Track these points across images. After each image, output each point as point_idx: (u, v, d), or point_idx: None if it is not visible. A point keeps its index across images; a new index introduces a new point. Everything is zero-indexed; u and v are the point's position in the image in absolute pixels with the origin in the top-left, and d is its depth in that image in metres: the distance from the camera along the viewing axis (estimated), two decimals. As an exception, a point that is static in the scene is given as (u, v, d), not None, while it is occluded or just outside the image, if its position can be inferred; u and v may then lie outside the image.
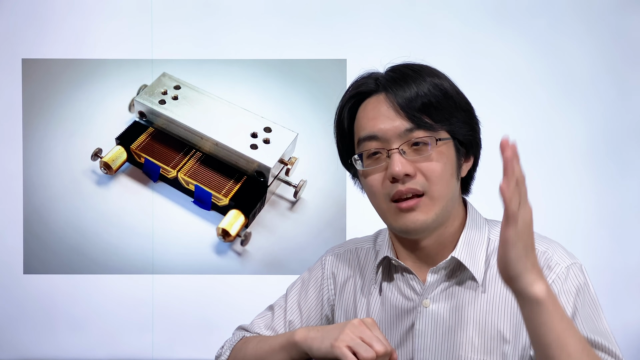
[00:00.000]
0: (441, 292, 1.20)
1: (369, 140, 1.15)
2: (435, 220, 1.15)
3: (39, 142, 2.51)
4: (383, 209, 1.17)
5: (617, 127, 2.47)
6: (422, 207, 1.13)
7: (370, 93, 1.18)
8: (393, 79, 1.15)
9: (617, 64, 2.47)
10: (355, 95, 1.20)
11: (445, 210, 1.16)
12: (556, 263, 1.15)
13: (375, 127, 1.15)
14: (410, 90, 1.13)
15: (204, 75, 2.51)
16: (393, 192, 1.13)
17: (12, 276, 2.49)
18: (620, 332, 2.40)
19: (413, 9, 2.49)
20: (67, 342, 2.49)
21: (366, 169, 1.17)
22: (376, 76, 1.19)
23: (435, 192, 1.13)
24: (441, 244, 1.20)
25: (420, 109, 1.13)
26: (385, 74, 1.18)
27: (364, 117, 1.18)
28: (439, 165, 1.13)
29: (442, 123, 1.14)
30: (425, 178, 1.13)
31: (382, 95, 1.16)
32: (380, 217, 1.21)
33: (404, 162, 1.12)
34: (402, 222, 1.15)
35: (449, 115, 1.14)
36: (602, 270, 2.40)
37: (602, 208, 2.46)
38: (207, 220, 2.48)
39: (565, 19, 2.48)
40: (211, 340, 2.35)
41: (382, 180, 1.15)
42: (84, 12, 2.50)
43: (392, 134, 1.13)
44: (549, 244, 1.19)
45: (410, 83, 1.14)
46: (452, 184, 1.16)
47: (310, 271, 1.40)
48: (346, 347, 1.07)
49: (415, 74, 1.15)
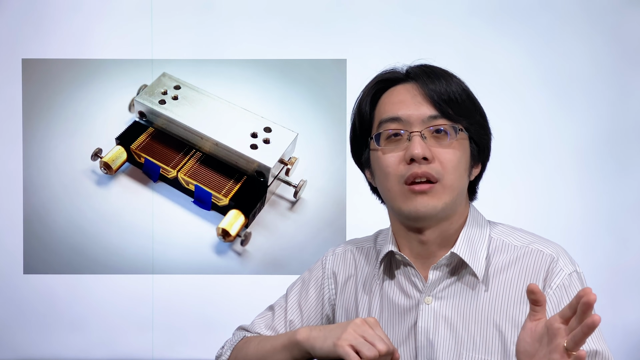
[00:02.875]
0: (443, 289, 1.21)
1: (392, 122, 1.18)
2: (444, 210, 1.17)
3: (39, 142, 2.51)
4: (394, 191, 1.19)
5: (617, 126, 2.47)
6: (434, 193, 1.16)
7: (397, 81, 1.22)
8: (424, 72, 1.20)
9: (618, 63, 2.48)
10: (382, 82, 1.24)
11: (454, 202, 1.19)
12: (560, 269, 1.17)
13: (400, 110, 1.18)
14: (440, 84, 1.18)
15: (204, 75, 2.51)
16: (408, 173, 1.15)
17: (12, 276, 2.49)
18: (620, 332, 2.41)
19: (413, 9, 2.49)
20: (67, 342, 2.49)
21: (385, 147, 1.19)
22: (405, 68, 1.23)
23: (448, 180, 1.16)
24: (444, 240, 1.21)
25: (446, 101, 1.17)
26: (417, 67, 1.23)
27: (388, 102, 1.21)
28: (456, 155, 1.17)
29: (463, 118, 1.18)
30: (441, 166, 1.16)
31: (410, 84, 1.20)
32: (388, 202, 1.23)
33: (424, 146, 1.15)
34: (413, 204, 1.16)
35: (470, 115, 1.19)
36: (602, 270, 2.41)
37: (602, 208, 2.47)
38: (207, 220, 2.48)
39: (566, 19, 2.48)
40: (211, 340, 2.34)
41: (398, 162, 1.17)
42: (84, 12, 2.50)
43: (415, 118, 1.17)
44: (554, 248, 1.20)
45: (440, 78, 1.19)
46: (464, 179, 1.20)
47: (311, 271, 1.41)
48: (349, 346, 1.08)
49: (445, 73, 1.22)
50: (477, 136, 1.21)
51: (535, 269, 1.17)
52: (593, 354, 1.12)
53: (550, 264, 1.17)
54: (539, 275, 1.17)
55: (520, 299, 1.16)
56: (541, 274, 1.17)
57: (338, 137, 2.50)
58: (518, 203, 2.44)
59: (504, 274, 1.19)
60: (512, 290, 1.17)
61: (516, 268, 1.18)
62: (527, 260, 1.18)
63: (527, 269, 1.18)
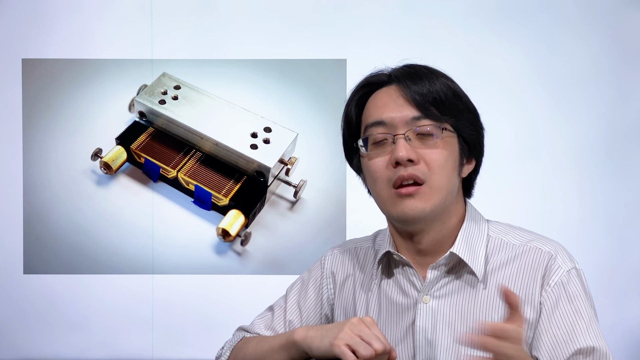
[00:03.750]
0: (441, 288, 1.20)
1: (376, 126, 1.18)
2: (433, 211, 1.17)
3: (39, 142, 2.51)
4: (383, 195, 1.18)
5: (617, 127, 2.47)
6: (421, 195, 1.15)
7: (381, 84, 1.21)
8: (407, 73, 1.19)
9: (617, 64, 2.47)
10: (367, 86, 1.23)
11: (444, 203, 1.18)
12: (558, 266, 1.16)
13: (383, 114, 1.18)
14: (422, 85, 1.17)
15: (204, 75, 2.51)
16: (395, 177, 1.15)
17: (12, 276, 2.49)
18: (620, 332, 2.41)
19: (413, 9, 2.49)
20: (67, 342, 2.49)
21: (370, 152, 1.19)
22: (389, 70, 1.22)
23: (435, 181, 1.15)
24: (439, 241, 1.21)
25: (430, 101, 1.16)
26: (399, 68, 1.22)
27: (373, 106, 1.21)
28: (442, 155, 1.16)
29: (449, 117, 1.17)
30: (428, 167, 1.15)
31: (394, 86, 1.19)
32: (380, 207, 1.22)
33: (408, 148, 1.15)
34: (400, 208, 1.16)
35: (457, 112, 1.18)
36: (602, 270, 2.40)
37: (602, 208, 2.46)
38: (207, 220, 2.48)
39: (565, 19, 2.47)
40: (211, 340, 2.34)
41: (385, 166, 1.17)
42: (84, 12, 2.50)
43: (399, 121, 1.16)
44: (552, 245, 1.20)
45: (424, 78, 1.18)
46: (453, 179, 1.19)
47: (310, 271, 1.41)
48: (345, 345, 1.07)
49: (429, 72, 1.20)
50: (466, 133, 1.19)
51: (534, 267, 1.17)
52: (590, 350, 1.11)
53: (548, 261, 1.17)
54: (537, 273, 1.16)
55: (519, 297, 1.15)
56: (539, 272, 1.16)
57: (338, 137, 2.45)
58: (517, 204, 2.44)
59: (502, 272, 1.18)
60: (511, 288, 1.16)
61: (514, 266, 1.18)
62: (526, 258, 1.18)
63: (526, 266, 1.18)
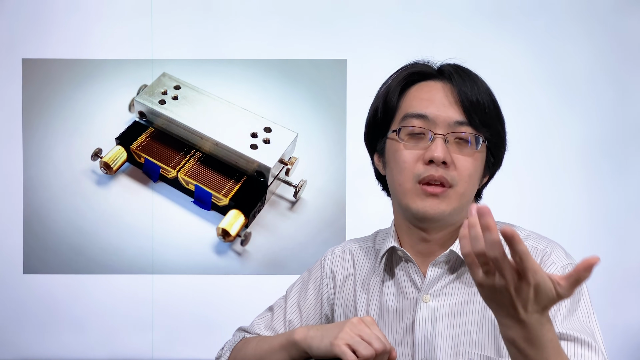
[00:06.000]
0: (441, 288, 1.20)
1: (417, 118, 1.17)
2: (452, 215, 1.17)
3: (39, 142, 2.51)
4: (406, 187, 1.18)
5: (616, 127, 2.47)
6: (444, 197, 1.16)
7: (428, 76, 1.21)
8: (457, 72, 1.19)
9: (616, 64, 2.47)
10: (413, 75, 1.22)
11: (462, 208, 1.18)
12: (552, 262, 1.16)
13: (428, 108, 1.17)
14: (472, 88, 1.17)
15: (204, 75, 2.51)
16: (425, 174, 1.15)
17: (12, 276, 2.49)
18: (620, 332, 2.40)
19: (413, 9, 2.49)
20: (67, 342, 2.49)
21: (406, 142, 1.18)
22: (439, 66, 1.22)
23: (461, 188, 1.16)
24: (446, 239, 1.21)
25: (475, 107, 1.16)
26: (449, 65, 1.21)
27: (417, 97, 1.19)
28: (474, 165, 1.17)
29: (487, 128, 1.17)
30: (458, 173, 1.16)
31: (441, 83, 1.19)
32: (396, 197, 1.21)
33: (446, 150, 1.15)
34: (422, 205, 1.16)
35: (493, 124, 1.19)
36: (601, 270, 2.38)
37: (601, 208, 2.46)
38: (207, 220, 2.48)
39: (564, 20, 2.48)
40: (211, 340, 2.35)
41: (416, 160, 1.16)
42: (84, 12, 2.50)
43: (442, 120, 1.16)
44: (548, 244, 1.20)
45: (473, 82, 1.18)
46: (476, 187, 1.20)
47: (310, 271, 1.41)
48: (345, 345, 1.07)
49: (476, 77, 1.20)
50: (495, 148, 1.20)
51: None
52: (585, 343, 1.09)
53: (542, 257, 1.17)
54: None
55: None
56: None
57: (338, 137, 2.50)
58: (517, 205, 2.44)
59: None
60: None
61: None
62: None
63: None
